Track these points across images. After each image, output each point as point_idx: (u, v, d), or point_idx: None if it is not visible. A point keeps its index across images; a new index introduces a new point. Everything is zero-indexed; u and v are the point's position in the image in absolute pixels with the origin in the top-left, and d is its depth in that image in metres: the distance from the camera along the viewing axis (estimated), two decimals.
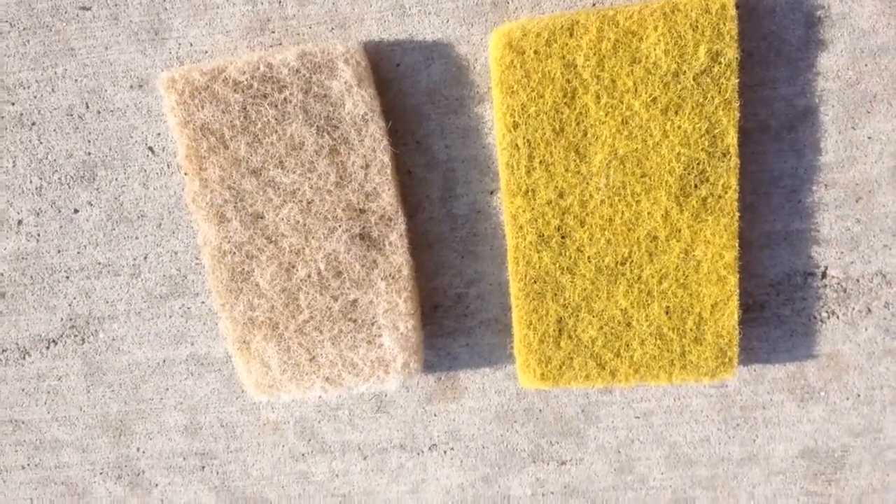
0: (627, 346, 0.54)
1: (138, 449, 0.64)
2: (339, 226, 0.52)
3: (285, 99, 0.51)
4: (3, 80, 0.56)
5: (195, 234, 0.58)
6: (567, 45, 0.50)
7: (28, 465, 0.65)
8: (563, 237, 0.52)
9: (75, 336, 0.61)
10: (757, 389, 0.59)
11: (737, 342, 0.53)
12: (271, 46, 0.54)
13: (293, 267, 0.53)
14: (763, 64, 0.52)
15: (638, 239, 0.52)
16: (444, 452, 0.62)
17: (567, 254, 0.52)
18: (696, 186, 0.51)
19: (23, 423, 0.64)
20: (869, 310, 0.57)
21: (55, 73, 0.56)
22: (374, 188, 0.52)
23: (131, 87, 0.56)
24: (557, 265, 0.53)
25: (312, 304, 0.54)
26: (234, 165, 0.52)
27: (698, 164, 0.50)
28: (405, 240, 0.53)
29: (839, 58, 0.53)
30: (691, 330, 0.53)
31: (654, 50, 0.49)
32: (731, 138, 0.50)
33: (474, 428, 0.62)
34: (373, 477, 0.63)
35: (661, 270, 0.52)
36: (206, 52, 0.55)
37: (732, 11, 0.48)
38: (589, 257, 0.52)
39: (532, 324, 0.54)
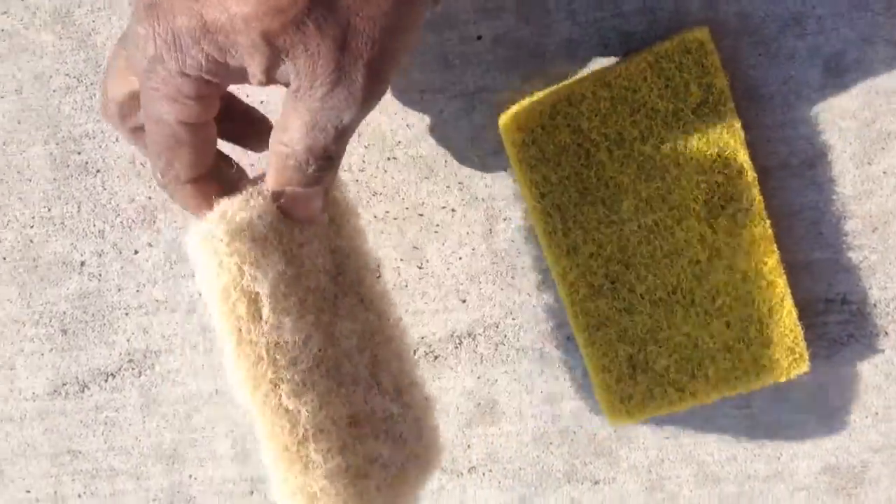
0: (700, 365, 0.56)
1: (190, 476, 0.66)
2: None
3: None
4: (70, 132, 0.59)
5: None
6: (569, 113, 0.53)
7: (84, 492, 0.67)
8: (612, 283, 0.55)
9: (133, 369, 0.64)
10: (781, 409, 0.62)
11: (801, 336, 0.56)
12: None
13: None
14: (784, 106, 0.55)
15: (682, 267, 0.55)
16: (483, 474, 0.65)
17: (621, 296, 0.55)
18: (722, 207, 0.54)
19: (80, 453, 0.66)
20: (886, 333, 0.59)
21: None
22: None
23: None
24: (615, 308, 0.56)
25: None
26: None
27: (719, 185, 0.54)
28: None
29: (855, 99, 0.55)
30: (756, 336, 0.56)
31: (649, 97, 0.53)
32: (742, 155, 0.53)
33: (511, 450, 0.64)
34: None
35: (711, 290, 0.55)
36: (262, 101, 0.58)
37: (710, 45, 0.52)
38: (641, 295, 0.55)
39: (605, 367, 0.57)
